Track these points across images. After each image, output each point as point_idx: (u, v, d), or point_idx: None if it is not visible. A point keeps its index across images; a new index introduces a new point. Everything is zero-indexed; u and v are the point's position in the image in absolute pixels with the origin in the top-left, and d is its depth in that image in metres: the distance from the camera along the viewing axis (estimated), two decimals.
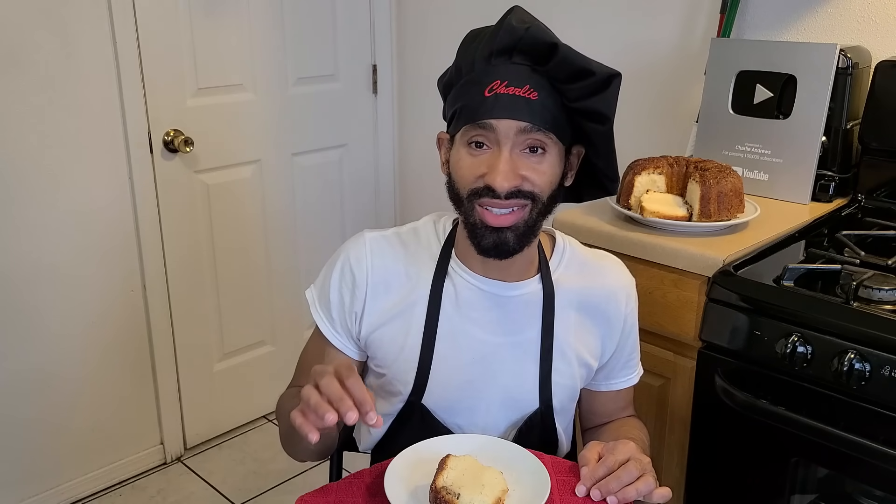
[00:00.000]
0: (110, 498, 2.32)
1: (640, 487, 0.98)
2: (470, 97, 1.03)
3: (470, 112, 1.03)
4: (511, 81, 1.01)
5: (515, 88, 1.01)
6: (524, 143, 1.03)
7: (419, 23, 2.71)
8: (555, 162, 1.06)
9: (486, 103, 1.01)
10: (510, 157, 1.02)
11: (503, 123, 1.01)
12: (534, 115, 1.01)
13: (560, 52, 1.00)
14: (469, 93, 1.04)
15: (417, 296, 1.15)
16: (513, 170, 1.02)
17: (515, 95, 1.01)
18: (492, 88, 1.01)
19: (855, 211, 1.70)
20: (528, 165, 1.04)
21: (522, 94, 1.01)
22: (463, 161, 1.06)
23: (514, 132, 1.02)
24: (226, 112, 2.39)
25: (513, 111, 1.01)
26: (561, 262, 1.19)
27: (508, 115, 1.01)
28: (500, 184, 1.02)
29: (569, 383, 1.19)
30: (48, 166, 2.05)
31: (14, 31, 1.93)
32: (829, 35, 1.84)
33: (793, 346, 1.26)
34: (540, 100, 1.01)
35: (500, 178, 1.02)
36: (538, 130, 1.02)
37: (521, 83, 1.01)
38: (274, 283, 2.63)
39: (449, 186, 1.11)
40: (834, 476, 1.35)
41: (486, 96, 1.01)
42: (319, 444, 1.06)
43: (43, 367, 2.14)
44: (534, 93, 1.01)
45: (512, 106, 1.01)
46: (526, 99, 1.01)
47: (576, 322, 1.18)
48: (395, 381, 1.15)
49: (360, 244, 1.17)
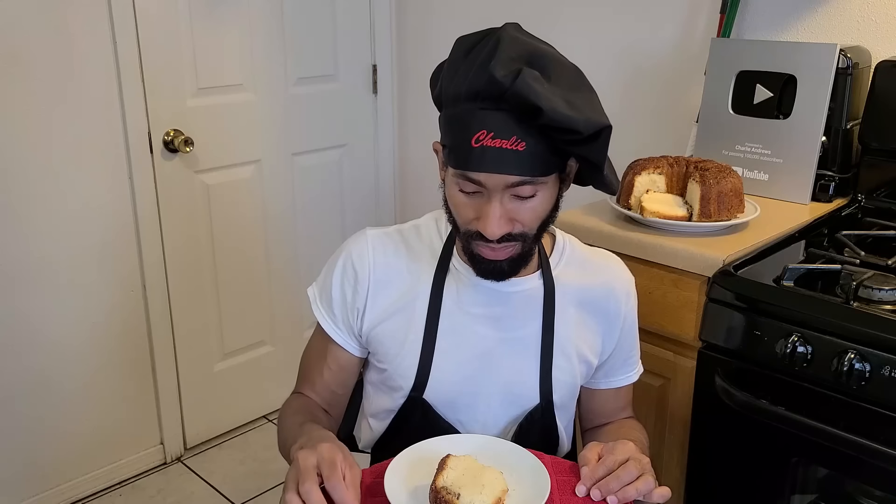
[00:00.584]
0: (110, 498, 2.32)
1: (640, 487, 0.98)
2: (457, 139, 1.01)
3: (458, 159, 1.01)
4: (497, 133, 0.97)
5: (502, 141, 0.97)
6: (515, 190, 1.01)
7: (419, 23, 2.71)
8: (548, 195, 1.05)
9: (473, 154, 0.98)
10: (500, 205, 1.01)
11: (492, 178, 0.99)
12: (522, 168, 0.99)
13: (545, 116, 0.95)
14: (456, 132, 1.01)
15: (419, 292, 1.16)
16: (503, 216, 1.02)
17: (502, 149, 0.97)
18: (478, 139, 0.98)
19: (855, 211, 1.70)
20: (519, 211, 1.03)
21: (510, 147, 0.97)
22: (456, 199, 1.05)
23: (503, 185, 1.00)
24: (226, 112, 2.39)
25: (501, 166, 0.98)
26: (561, 259, 1.20)
27: (497, 169, 0.98)
28: (490, 233, 1.01)
29: (569, 380, 1.19)
30: (48, 166, 2.05)
31: (14, 32, 1.93)
32: (829, 35, 1.84)
33: (793, 346, 1.26)
34: (528, 149, 0.98)
35: (491, 228, 1.01)
36: (528, 180, 1.00)
37: (508, 134, 0.97)
38: (274, 283, 2.63)
39: (445, 206, 1.10)
40: (834, 476, 1.35)
41: (473, 147, 0.98)
42: None
43: (43, 368, 2.14)
44: (521, 143, 0.98)
45: (499, 160, 0.98)
46: (514, 151, 0.98)
47: (576, 319, 1.19)
48: (397, 376, 1.16)
49: (362, 241, 1.18)
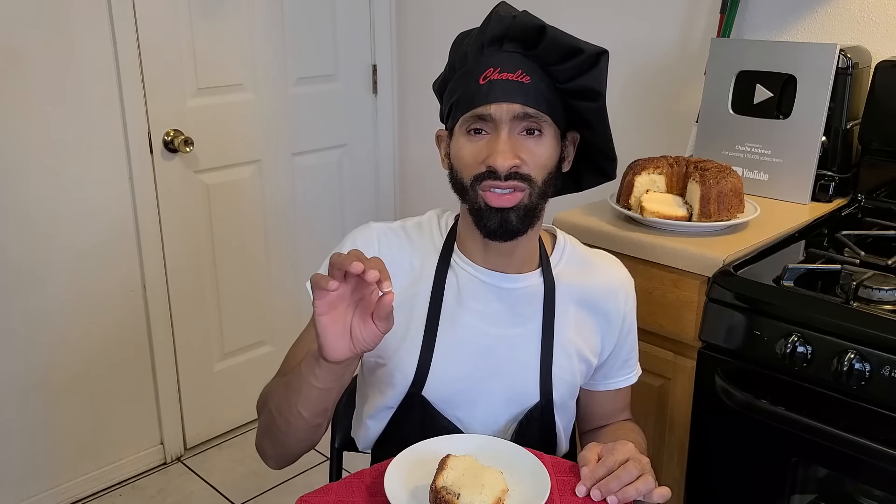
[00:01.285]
0: (110, 498, 2.32)
1: (640, 487, 0.98)
2: (465, 88, 1.07)
3: (466, 101, 1.07)
4: (504, 67, 1.05)
5: (508, 73, 1.05)
6: (521, 126, 1.06)
7: (419, 23, 2.71)
8: (551, 144, 1.09)
9: (481, 90, 1.05)
10: (509, 138, 1.06)
11: (499, 108, 1.05)
12: (528, 98, 1.05)
13: (548, 34, 1.04)
14: (464, 84, 1.08)
15: (420, 287, 1.16)
16: (512, 150, 1.06)
17: (509, 80, 1.05)
18: (486, 76, 1.05)
19: (855, 211, 1.70)
20: (526, 147, 1.07)
21: (515, 79, 1.05)
22: (464, 149, 1.09)
23: (510, 115, 1.05)
24: (226, 112, 2.39)
25: (507, 95, 1.04)
26: (561, 258, 1.21)
27: (504, 98, 1.04)
28: (500, 163, 1.05)
29: (569, 378, 1.19)
30: (48, 166, 2.05)
31: (15, 32, 1.93)
32: (829, 35, 1.84)
33: (793, 346, 1.26)
34: (533, 83, 1.05)
35: (500, 158, 1.05)
36: (533, 112, 1.05)
37: (514, 68, 1.05)
38: (274, 283, 2.63)
39: (451, 178, 1.13)
40: (834, 476, 1.36)
41: (481, 84, 1.05)
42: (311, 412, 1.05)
43: (43, 367, 2.14)
44: (526, 77, 1.05)
45: (506, 90, 1.05)
46: (519, 83, 1.05)
47: (575, 317, 1.19)
48: (396, 371, 1.16)
49: (368, 231, 1.19)
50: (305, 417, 1.07)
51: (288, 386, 1.08)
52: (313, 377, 1.01)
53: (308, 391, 1.03)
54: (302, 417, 1.07)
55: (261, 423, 1.19)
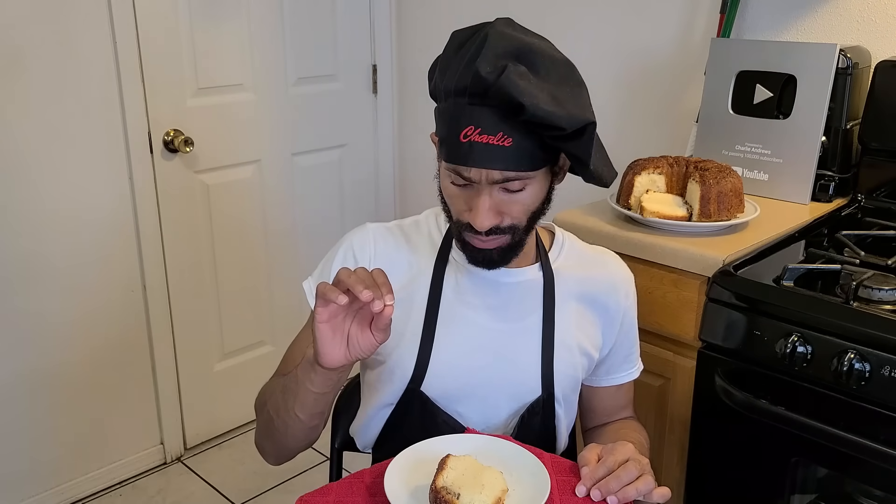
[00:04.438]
0: (110, 498, 2.32)
1: (639, 487, 0.98)
2: (448, 134, 1.03)
3: (448, 153, 1.03)
4: (484, 128, 0.99)
5: (489, 137, 0.99)
6: (503, 185, 1.03)
7: (419, 23, 2.71)
8: (537, 188, 1.06)
9: (462, 149, 1.01)
10: (489, 198, 1.03)
11: (479, 173, 1.01)
12: (509, 163, 1.00)
13: (528, 111, 0.96)
14: (447, 126, 1.03)
15: (419, 284, 1.16)
16: (492, 209, 1.04)
17: (489, 144, 0.99)
18: (466, 134, 1.00)
19: (855, 211, 1.70)
20: (507, 203, 1.05)
21: (496, 143, 0.99)
22: (448, 190, 1.08)
23: (490, 179, 1.02)
24: (226, 112, 2.39)
25: (487, 161, 1.00)
26: (560, 253, 1.21)
27: (483, 164, 1.00)
28: (479, 224, 1.04)
29: (570, 372, 1.19)
30: (48, 166, 2.05)
31: (15, 32, 1.93)
32: (829, 35, 1.84)
33: (793, 346, 1.26)
34: (515, 145, 1.00)
35: (479, 219, 1.03)
36: (514, 176, 1.02)
37: (495, 130, 0.99)
38: (274, 284, 2.63)
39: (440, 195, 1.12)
40: (834, 476, 1.35)
41: (462, 142, 1.00)
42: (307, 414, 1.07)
43: (43, 367, 2.14)
44: (507, 139, 0.99)
45: (486, 155, 1.00)
46: (500, 147, 1.00)
47: (576, 312, 1.19)
48: (395, 368, 1.16)
49: (364, 232, 1.19)
50: (302, 420, 1.09)
51: (285, 389, 1.10)
52: (309, 382, 1.03)
53: (304, 395, 1.05)
54: (299, 420, 1.09)
55: (259, 423, 1.20)
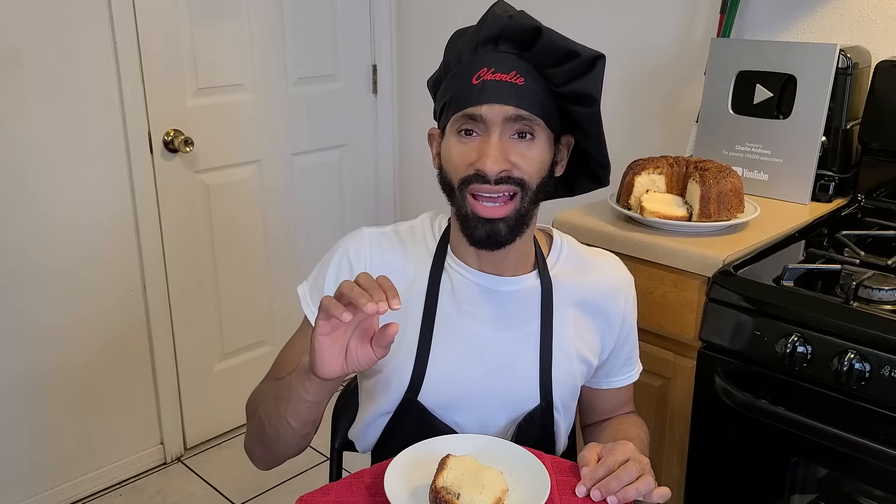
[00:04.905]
0: (110, 498, 2.32)
1: (639, 487, 0.98)
2: (458, 87, 1.05)
3: (459, 101, 1.05)
4: (498, 68, 1.03)
5: (502, 74, 1.02)
6: (513, 129, 1.04)
7: (419, 23, 2.71)
8: (544, 149, 1.07)
9: (474, 90, 1.03)
10: (499, 142, 1.04)
11: (491, 109, 1.02)
12: (521, 100, 1.03)
13: (544, 36, 1.02)
14: (457, 83, 1.06)
15: (415, 292, 1.15)
16: (502, 154, 1.04)
17: (502, 81, 1.02)
18: (479, 76, 1.03)
19: (855, 211, 1.70)
20: (517, 151, 1.05)
21: (509, 80, 1.02)
22: (453, 150, 1.07)
23: (502, 118, 1.03)
24: (226, 112, 2.39)
25: (500, 97, 1.02)
26: (559, 259, 1.20)
27: (496, 100, 1.02)
28: (489, 168, 1.03)
29: (569, 380, 1.18)
30: (48, 166, 2.05)
31: (15, 32, 1.93)
32: (829, 35, 1.84)
33: (793, 346, 1.26)
34: (527, 85, 1.03)
35: (490, 162, 1.03)
36: (526, 115, 1.03)
37: (508, 69, 1.03)
38: (274, 283, 2.63)
39: (440, 178, 1.11)
40: (834, 476, 1.35)
41: (474, 84, 1.03)
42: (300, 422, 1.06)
43: (43, 367, 2.14)
44: (520, 78, 1.03)
45: (499, 91, 1.02)
46: (513, 84, 1.02)
47: (574, 319, 1.18)
48: (392, 377, 1.15)
49: (359, 238, 1.17)
50: (294, 427, 1.08)
51: (277, 396, 1.09)
52: (303, 390, 1.02)
53: (297, 403, 1.04)
54: (291, 427, 1.08)
55: (250, 427, 1.19)
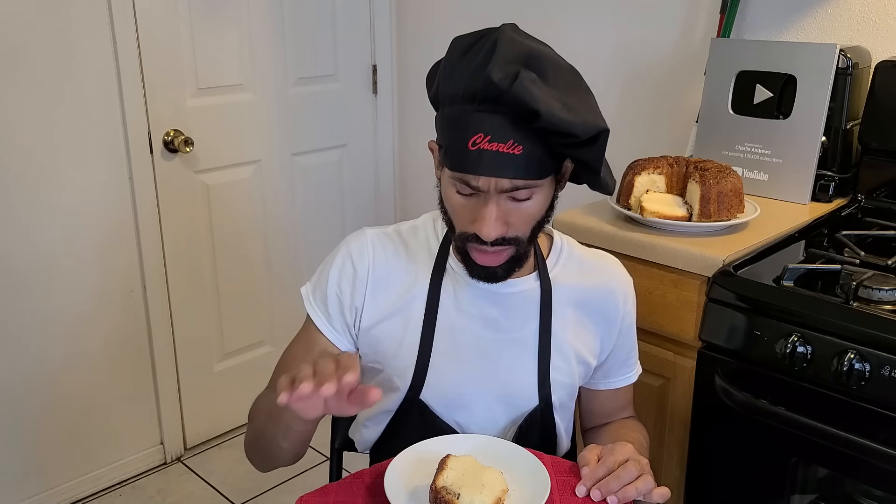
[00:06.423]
0: (110, 498, 2.32)
1: (639, 486, 0.99)
2: (454, 141, 1.00)
3: (454, 161, 1.01)
4: (494, 136, 0.97)
5: (499, 144, 0.97)
6: (511, 193, 1.01)
7: (419, 23, 2.71)
8: (543, 197, 1.05)
9: (470, 157, 0.98)
10: (496, 207, 1.01)
11: (488, 181, 0.99)
12: (518, 171, 0.98)
13: (542, 119, 0.95)
14: (453, 133, 1.01)
15: (416, 292, 1.16)
16: (499, 218, 1.02)
17: (499, 152, 0.97)
18: (475, 142, 0.97)
19: (855, 211, 1.70)
20: (515, 211, 1.03)
21: (506, 150, 0.97)
22: (452, 200, 1.05)
23: (499, 189, 1.00)
24: (226, 112, 2.39)
25: (497, 169, 0.98)
26: (559, 260, 1.20)
27: (493, 173, 0.98)
28: (486, 234, 1.01)
29: (567, 381, 1.19)
30: (48, 166, 2.05)
31: (14, 32, 1.93)
32: (829, 35, 1.84)
33: (793, 346, 1.26)
34: (525, 153, 0.98)
35: (486, 229, 1.01)
36: (523, 184, 1.00)
37: (505, 137, 0.97)
38: (274, 283, 2.63)
39: (441, 206, 1.10)
40: (834, 476, 1.36)
41: (470, 150, 0.98)
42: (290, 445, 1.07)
43: (43, 367, 2.14)
44: (518, 147, 0.97)
45: (496, 163, 0.98)
46: (510, 155, 0.97)
47: (573, 320, 1.19)
48: (394, 376, 1.16)
49: (362, 239, 1.18)
50: (285, 449, 1.10)
51: (269, 416, 1.10)
52: (290, 420, 1.02)
53: (286, 430, 1.05)
54: (282, 448, 1.10)
55: (248, 432, 1.20)
